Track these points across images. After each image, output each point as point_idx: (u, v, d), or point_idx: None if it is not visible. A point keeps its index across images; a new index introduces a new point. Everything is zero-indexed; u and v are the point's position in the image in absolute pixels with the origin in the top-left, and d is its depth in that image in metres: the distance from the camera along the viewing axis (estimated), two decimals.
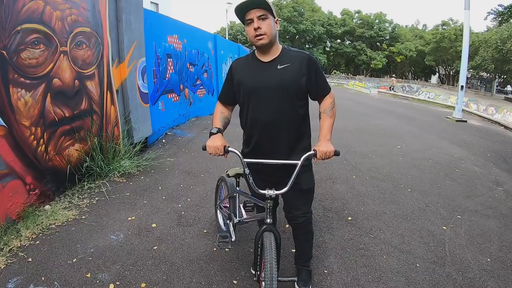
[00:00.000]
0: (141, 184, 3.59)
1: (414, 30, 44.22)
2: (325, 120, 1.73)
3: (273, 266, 1.49)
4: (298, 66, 1.65)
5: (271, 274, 1.48)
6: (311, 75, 1.67)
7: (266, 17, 1.57)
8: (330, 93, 1.76)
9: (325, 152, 1.61)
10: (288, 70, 1.64)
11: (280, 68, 1.65)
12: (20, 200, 2.64)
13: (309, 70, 1.66)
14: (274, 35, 1.62)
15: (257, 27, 1.56)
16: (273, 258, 1.52)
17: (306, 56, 1.68)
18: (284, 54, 1.68)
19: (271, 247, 1.56)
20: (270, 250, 1.55)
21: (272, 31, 1.59)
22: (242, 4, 1.56)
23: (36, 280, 2.00)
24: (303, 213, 1.85)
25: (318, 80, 1.71)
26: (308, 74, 1.66)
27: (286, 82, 1.64)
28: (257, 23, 1.56)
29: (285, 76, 1.64)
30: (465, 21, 10.17)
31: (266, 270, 1.50)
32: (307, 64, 1.66)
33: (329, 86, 1.77)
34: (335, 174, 4.16)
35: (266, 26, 1.56)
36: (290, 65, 1.65)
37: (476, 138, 7.39)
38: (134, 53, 4.38)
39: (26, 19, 2.69)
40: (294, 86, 1.66)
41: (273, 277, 1.47)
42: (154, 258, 2.28)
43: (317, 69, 1.70)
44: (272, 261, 1.51)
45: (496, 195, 3.74)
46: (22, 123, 2.69)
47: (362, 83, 30.86)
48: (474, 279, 2.18)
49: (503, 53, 23.21)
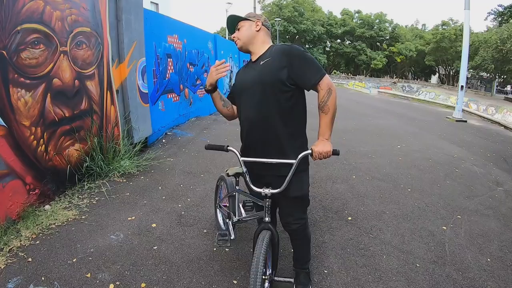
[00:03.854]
0: (141, 184, 3.59)
1: (414, 30, 44.25)
2: (321, 117, 1.65)
3: (259, 261, 1.47)
4: (278, 59, 1.63)
5: (256, 269, 1.45)
6: (292, 65, 1.61)
7: (243, 25, 1.75)
8: (321, 81, 1.60)
9: (321, 152, 1.56)
10: (268, 65, 1.65)
11: (261, 64, 1.68)
12: (20, 200, 2.64)
13: (289, 61, 1.61)
14: (249, 36, 1.74)
15: (233, 37, 1.78)
16: (261, 253, 1.49)
17: (286, 48, 1.65)
18: (268, 51, 1.71)
19: (262, 243, 1.54)
20: (260, 246, 1.53)
21: (246, 33, 1.74)
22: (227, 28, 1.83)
23: (36, 280, 2.00)
24: (295, 220, 1.81)
25: (303, 68, 1.61)
26: (289, 65, 1.61)
27: (266, 77, 1.64)
28: (235, 33, 1.79)
29: (264, 71, 1.65)
30: (465, 21, 10.18)
31: (252, 265, 1.47)
32: (287, 55, 1.62)
33: (320, 73, 1.60)
34: (335, 174, 4.16)
35: (240, 32, 1.76)
36: (269, 60, 1.66)
37: (476, 138, 7.39)
38: (134, 53, 4.38)
39: (26, 19, 2.68)
40: (274, 79, 1.62)
41: (257, 272, 1.44)
42: (154, 258, 2.28)
43: (300, 58, 1.61)
44: (259, 256, 1.48)
45: (496, 195, 3.74)
46: (22, 123, 2.68)
47: (362, 83, 30.87)
48: (474, 279, 2.18)
49: (503, 53, 23.23)
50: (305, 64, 1.61)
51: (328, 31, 42.53)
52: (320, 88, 1.61)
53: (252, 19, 1.74)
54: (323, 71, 1.64)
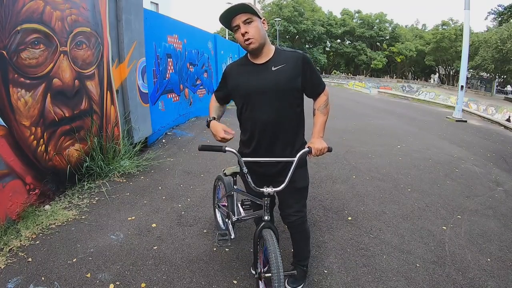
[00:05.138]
0: (141, 184, 3.59)
1: (414, 30, 44.27)
2: (319, 117, 1.77)
3: (278, 257, 1.50)
4: (293, 66, 1.65)
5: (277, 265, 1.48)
6: (305, 74, 1.68)
7: (252, 20, 1.55)
8: (324, 90, 1.78)
9: (320, 149, 1.65)
10: (283, 71, 1.65)
11: (274, 70, 1.65)
12: (20, 200, 2.64)
13: (303, 69, 1.66)
14: (263, 36, 1.61)
15: (244, 32, 1.55)
16: (277, 249, 1.53)
17: (300, 56, 1.67)
18: (277, 55, 1.68)
19: (272, 240, 1.57)
20: (273, 242, 1.56)
21: (261, 33, 1.59)
22: (226, 12, 1.56)
23: (36, 280, 2.00)
24: (295, 211, 1.85)
25: (313, 79, 1.72)
26: (302, 74, 1.67)
27: (281, 83, 1.64)
28: (243, 28, 1.55)
29: (280, 77, 1.65)
30: (465, 21, 10.17)
31: (272, 262, 1.50)
32: (301, 64, 1.66)
33: (323, 84, 1.79)
34: (335, 174, 4.16)
35: (254, 29, 1.56)
36: (284, 66, 1.65)
37: (476, 138, 7.39)
38: (134, 53, 4.38)
39: (26, 19, 2.69)
40: (290, 87, 1.66)
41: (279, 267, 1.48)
42: (154, 258, 2.28)
43: (311, 67, 1.70)
44: (276, 253, 1.51)
45: (496, 195, 3.74)
46: (22, 123, 2.68)
47: (362, 83, 30.88)
48: (474, 279, 2.18)
49: (503, 53, 23.25)
50: (315, 74, 1.73)
51: (328, 31, 42.55)
52: (323, 95, 1.79)
53: (261, 16, 1.64)
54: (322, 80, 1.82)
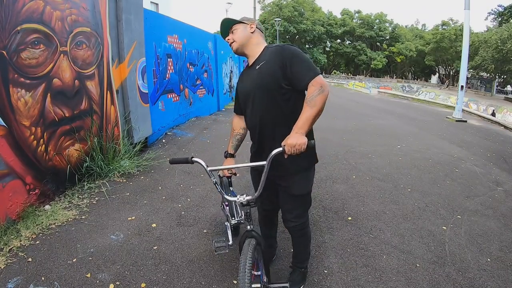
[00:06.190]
0: (141, 184, 3.59)
1: (414, 30, 44.31)
2: (304, 110, 1.51)
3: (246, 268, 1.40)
4: (273, 61, 1.62)
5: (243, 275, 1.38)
6: (285, 65, 1.57)
7: (236, 28, 1.75)
8: (314, 79, 1.52)
9: (293, 145, 1.41)
10: (264, 69, 1.64)
11: (257, 69, 1.67)
12: (20, 200, 2.64)
13: (282, 61, 1.58)
14: (246, 37, 1.73)
15: (228, 39, 1.78)
16: (247, 260, 1.42)
17: (279, 49, 1.63)
18: (262, 54, 1.71)
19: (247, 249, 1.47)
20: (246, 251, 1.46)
21: (241, 35, 1.73)
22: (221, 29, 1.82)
23: (36, 280, 2.00)
24: (294, 217, 1.82)
25: (294, 69, 1.56)
26: (282, 66, 1.58)
27: (264, 81, 1.63)
28: (229, 36, 1.77)
29: (262, 75, 1.64)
30: (465, 21, 10.17)
31: (239, 271, 1.40)
32: (280, 56, 1.60)
33: (312, 73, 1.54)
34: (335, 174, 4.16)
35: (236, 34, 1.74)
36: (264, 63, 1.65)
37: (476, 138, 7.39)
38: (134, 53, 4.38)
39: (26, 19, 2.69)
40: (273, 83, 1.61)
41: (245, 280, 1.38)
42: (154, 258, 2.28)
43: (293, 57, 1.57)
44: (246, 263, 1.41)
45: (496, 195, 3.74)
46: (22, 123, 2.68)
47: (362, 83, 30.86)
48: (474, 279, 2.18)
49: (503, 53, 23.25)
50: (297, 64, 1.56)
51: (328, 31, 42.56)
52: (311, 85, 1.52)
53: (246, 22, 1.75)
54: (316, 70, 1.57)
